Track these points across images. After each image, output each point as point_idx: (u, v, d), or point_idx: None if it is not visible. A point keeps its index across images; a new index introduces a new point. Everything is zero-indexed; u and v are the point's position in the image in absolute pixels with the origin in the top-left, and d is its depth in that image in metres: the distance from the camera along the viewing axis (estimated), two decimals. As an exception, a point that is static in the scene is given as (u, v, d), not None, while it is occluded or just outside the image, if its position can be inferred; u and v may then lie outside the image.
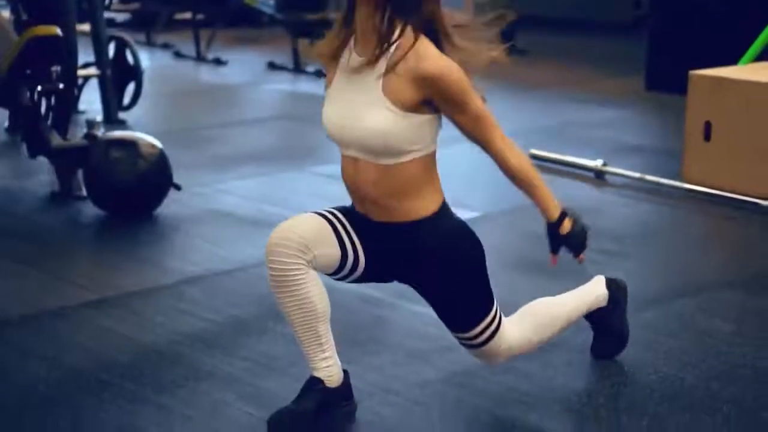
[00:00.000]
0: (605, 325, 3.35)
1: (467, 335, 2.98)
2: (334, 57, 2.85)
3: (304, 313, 2.85)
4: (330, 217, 2.89)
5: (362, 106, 2.76)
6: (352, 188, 2.90)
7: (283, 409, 2.90)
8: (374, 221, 2.88)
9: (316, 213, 2.90)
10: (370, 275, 2.95)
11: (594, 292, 3.31)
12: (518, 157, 2.85)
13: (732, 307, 3.85)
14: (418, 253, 2.87)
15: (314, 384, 2.92)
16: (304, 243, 2.79)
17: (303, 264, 2.80)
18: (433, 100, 2.75)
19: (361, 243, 2.90)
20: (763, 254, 4.51)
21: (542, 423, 3.00)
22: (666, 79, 7.55)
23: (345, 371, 2.99)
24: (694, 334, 3.61)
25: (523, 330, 3.09)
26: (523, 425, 3.00)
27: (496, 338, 2.99)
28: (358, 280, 2.97)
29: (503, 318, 3.03)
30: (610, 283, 3.35)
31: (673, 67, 6.00)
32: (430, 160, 2.85)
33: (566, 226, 2.92)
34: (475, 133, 2.81)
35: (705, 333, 3.62)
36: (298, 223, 2.84)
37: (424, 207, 2.85)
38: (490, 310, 2.96)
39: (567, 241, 2.93)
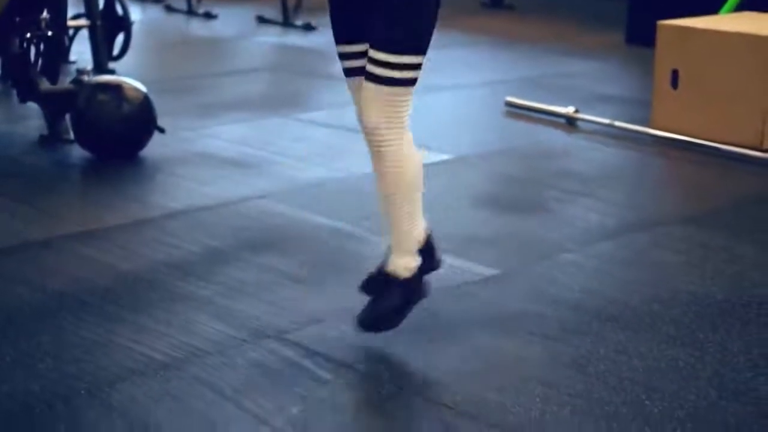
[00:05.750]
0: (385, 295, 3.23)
1: (390, 60, 2.97)
2: None
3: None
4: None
5: None
6: None
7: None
8: None
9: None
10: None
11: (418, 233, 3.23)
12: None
13: (683, 241, 4.05)
14: None
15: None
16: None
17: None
18: None
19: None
20: (717, 194, 4.71)
21: (496, 341, 3.21)
22: (646, 33, 7.64)
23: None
24: (644, 264, 3.82)
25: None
26: (477, 342, 3.21)
27: (406, 90, 3.01)
28: None
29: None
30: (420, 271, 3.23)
31: (653, 22, 6.15)
32: None
33: None
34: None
35: (655, 264, 3.82)
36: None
37: None
38: (422, 52, 3.01)
39: None
